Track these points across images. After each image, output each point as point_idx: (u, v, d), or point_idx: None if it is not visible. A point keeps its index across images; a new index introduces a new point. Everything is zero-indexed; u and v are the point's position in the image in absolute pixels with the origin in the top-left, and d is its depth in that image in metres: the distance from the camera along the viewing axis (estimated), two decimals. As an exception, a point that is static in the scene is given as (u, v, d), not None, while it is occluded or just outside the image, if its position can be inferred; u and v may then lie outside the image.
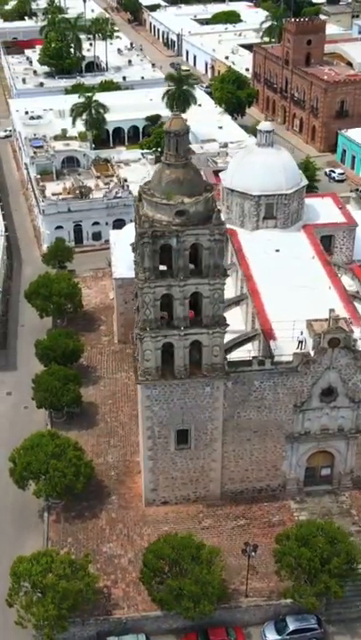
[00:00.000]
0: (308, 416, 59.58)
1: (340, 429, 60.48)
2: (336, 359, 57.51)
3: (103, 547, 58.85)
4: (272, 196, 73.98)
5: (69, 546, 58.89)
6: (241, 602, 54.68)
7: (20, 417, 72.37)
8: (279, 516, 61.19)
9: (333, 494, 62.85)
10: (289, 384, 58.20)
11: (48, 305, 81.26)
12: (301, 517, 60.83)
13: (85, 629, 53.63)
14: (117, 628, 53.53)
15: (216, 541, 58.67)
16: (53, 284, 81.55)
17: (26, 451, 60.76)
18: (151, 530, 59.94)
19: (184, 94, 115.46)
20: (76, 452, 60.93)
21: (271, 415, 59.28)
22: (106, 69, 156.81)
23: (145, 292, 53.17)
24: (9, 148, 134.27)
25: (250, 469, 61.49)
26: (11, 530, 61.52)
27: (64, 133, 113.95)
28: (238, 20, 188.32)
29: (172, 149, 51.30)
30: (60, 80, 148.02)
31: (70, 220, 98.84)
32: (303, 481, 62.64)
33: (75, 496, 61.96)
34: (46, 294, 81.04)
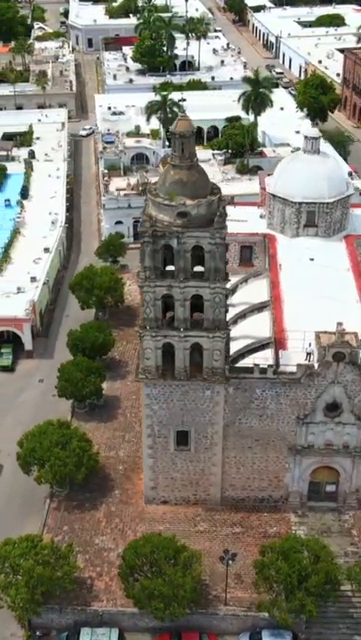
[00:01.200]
0: (312, 430, 58.36)
1: (346, 446, 58.95)
2: (341, 374, 56.10)
3: (96, 539, 59.59)
4: (313, 204, 72.89)
5: (64, 534, 59.98)
6: (219, 609, 54.24)
7: (47, 404, 73.92)
8: (277, 528, 60.24)
9: (337, 512, 61.33)
10: (292, 395, 57.20)
11: (89, 297, 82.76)
12: (299, 532, 59.71)
13: (63, 617, 54.55)
14: (94, 620, 54.18)
15: (208, 546, 58.48)
16: (96, 277, 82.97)
17: (32, 437, 62.27)
18: (146, 527, 60.19)
19: (261, 97, 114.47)
20: (81, 443, 61.83)
21: (273, 425, 58.43)
22: (198, 69, 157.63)
23: (145, 291, 53.50)
24: (92, 143, 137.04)
25: (251, 478, 60.81)
26: (15, 513, 63.06)
27: (137, 130, 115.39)
28: (342, 24, 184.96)
29: (177, 151, 51.36)
30: (150, 78, 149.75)
31: (130, 215, 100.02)
32: (307, 495, 61.41)
33: (79, 486, 63.16)
34: (88, 287, 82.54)
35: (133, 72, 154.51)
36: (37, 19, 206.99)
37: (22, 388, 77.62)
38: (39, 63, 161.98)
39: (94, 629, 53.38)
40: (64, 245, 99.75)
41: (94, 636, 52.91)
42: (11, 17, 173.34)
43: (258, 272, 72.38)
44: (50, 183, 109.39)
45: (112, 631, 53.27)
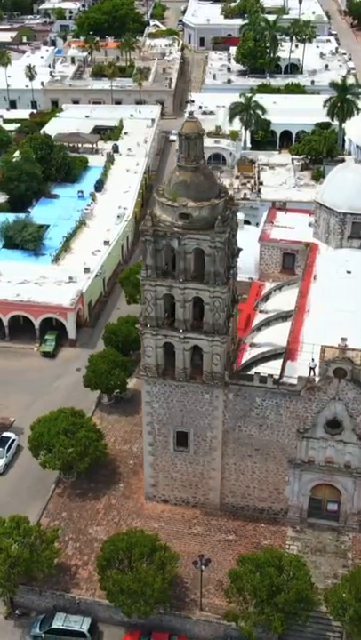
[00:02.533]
0: (312, 445, 57.07)
1: (347, 466, 57.30)
2: (343, 391, 54.56)
3: (90, 528, 60.55)
4: (359, 216, 70.98)
5: (61, 520, 61.32)
6: (193, 613, 54.06)
7: (78, 393, 75.28)
8: (271, 540, 59.29)
9: (337, 532, 59.71)
10: (292, 407, 56.12)
11: (137, 292, 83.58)
12: (293, 547, 58.67)
13: (43, 600, 55.86)
14: (71, 607, 55.19)
15: (198, 550, 58.16)
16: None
17: (43, 422, 63.95)
18: (141, 523, 60.63)
19: (347, 103, 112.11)
20: (89, 433, 62.93)
21: (273, 436, 57.52)
22: (301, 72, 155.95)
23: (146, 289, 53.89)
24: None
25: (251, 487, 60.10)
26: (24, 494, 64.86)
27: (217, 130, 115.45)
28: None
29: (183, 152, 51.38)
30: (250, 79, 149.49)
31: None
32: (307, 511, 60.09)
33: (87, 475, 64.41)
34: (135, 282, 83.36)
35: (234, 73, 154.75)
36: (156, 16, 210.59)
37: (59, 375, 79.60)
38: (145, 60, 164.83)
39: (68, 616, 54.35)
40: (128, 240, 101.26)
41: (67, 621, 53.90)
42: (124, 13, 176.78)
43: (293, 280, 71.28)
44: (126, 178, 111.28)
45: (85, 620, 54.08)
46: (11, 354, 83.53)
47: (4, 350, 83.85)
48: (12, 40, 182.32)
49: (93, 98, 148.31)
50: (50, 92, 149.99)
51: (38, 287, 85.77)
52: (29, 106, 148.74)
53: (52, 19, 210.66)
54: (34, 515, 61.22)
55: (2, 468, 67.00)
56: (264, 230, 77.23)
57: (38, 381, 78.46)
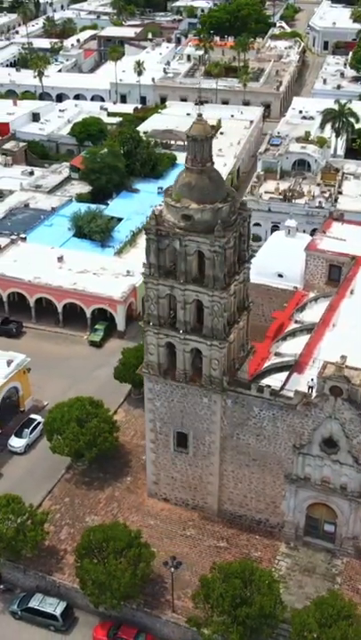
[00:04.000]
0: (309, 462, 55.65)
1: (343, 488, 55.53)
2: (339, 410, 52.88)
3: (87, 517, 61.62)
4: None
5: (62, 504, 62.79)
6: (164, 614, 54.11)
7: (113, 384, 76.36)
8: (261, 553, 58.35)
9: (331, 555, 58.01)
10: (289, 421, 54.94)
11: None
12: (282, 563, 57.60)
13: (27, 579, 57.51)
14: (52, 590, 56.52)
15: (185, 552, 58.32)
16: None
17: (59, 408, 65.62)
18: (137, 518, 61.23)
19: None
20: (100, 423, 63.99)
21: (270, 448, 56.51)
22: None
23: (148, 287, 54.20)
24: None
25: (248, 497, 59.31)
26: (38, 475, 66.58)
27: (306, 136, 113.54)
28: None
29: (190, 154, 51.27)
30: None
31: (269, 219, 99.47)
32: (304, 529, 58.68)
33: (98, 465, 65.65)
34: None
35: (347, 78, 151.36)
36: (286, 18, 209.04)
37: (101, 365, 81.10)
38: (261, 61, 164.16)
39: (45, 597, 55.72)
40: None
41: (43, 603, 55.27)
42: (246, 14, 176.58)
43: (329, 293, 69.54)
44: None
45: (60, 604, 55.24)
46: (61, 339, 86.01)
47: (55, 336, 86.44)
48: (136, 36, 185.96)
49: (201, 97, 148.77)
50: (159, 89, 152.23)
51: (96, 278, 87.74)
52: (138, 101, 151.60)
53: (182, 16, 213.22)
54: (40, 496, 63.20)
55: (23, 448, 69.22)
56: (313, 240, 75.71)
57: (79, 369, 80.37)
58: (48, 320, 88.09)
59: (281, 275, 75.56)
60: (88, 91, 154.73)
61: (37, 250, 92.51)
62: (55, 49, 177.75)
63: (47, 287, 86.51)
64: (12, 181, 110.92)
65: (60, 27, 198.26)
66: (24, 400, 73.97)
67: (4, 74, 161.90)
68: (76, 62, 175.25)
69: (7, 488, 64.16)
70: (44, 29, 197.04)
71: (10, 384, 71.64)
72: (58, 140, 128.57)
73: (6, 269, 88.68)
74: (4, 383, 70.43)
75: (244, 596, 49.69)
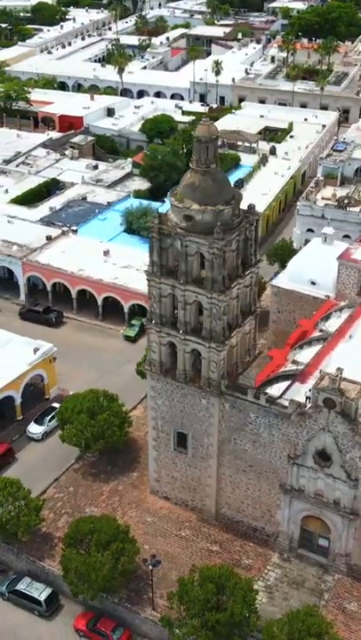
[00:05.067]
0: (303, 473, 54.69)
1: (337, 503, 54.31)
2: (333, 423, 51.74)
3: (87, 508, 62.41)
4: None
5: (65, 493, 63.88)
6: (144, 611, 54.28)
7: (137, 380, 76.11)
8: (252, 561, 57.78)
9: (323, 570, 56.84)
10: (284, 430, 54.13)
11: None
12: (271, 574, 56.91)
13: (19, 562, 58.77)
14: (41, 575, 57.59)
15: (176, 552, 58.50)
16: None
17: (73, 398, 66.71)
18: (136, 514, 61.69)
19: None
20: (110, 417, 64.61)
21: (266, 455, 55.83)
22: None
23: (151, 285, 54.49)
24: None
25: (245, 503, 58.78)
26: (51, 463, 67.71)
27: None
28: None
29: (195, 155, 51.18)
30: None
31: (321, 225, 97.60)
32: (298, 541, 57.72)
33: (108, 457, 66.53)
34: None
35: None
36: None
37: (131, 360, 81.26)
38: (346, 65, 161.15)
39: (33, 582, 56.84)
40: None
41: (29, 587, 56.40)
42: (336, 16, 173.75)
43: (354, 304, 67.91)
44: (271, 180, 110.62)
45: (46, 589, 56.22)
46: (98, 332, 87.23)
47: (92, 328, 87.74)
48: (225, 35, 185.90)
49: (279, 99, 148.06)
50: (238, 89, 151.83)
51: (138, 274, 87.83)
52: (217, 100, 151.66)
53: (277, 17, 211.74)
54: (48, 483, 64.54)
55: (41, 435, 70.62)
56: (348, 249, 74.09)
57: (110, 362, 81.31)
58: (89, 312, 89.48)
59: (314, 282, 74.21)
60: (168, 89, 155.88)
61: (86, 243, 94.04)
62: (143, 46, 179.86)
63: (88, 280, 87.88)
64: (75, 174, 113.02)
65: (152, 24, 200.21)
66: (49, 388, 75.44)
67: (90, 69, 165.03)
68: (162, 60, 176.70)
69: (19, 472, 65.93)
70: (135, 27, 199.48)
71: (34, 371, 73.21)
72: (129, 135, 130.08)
73: (53, 260, 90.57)
74: (27, 370, 72.05)
75: (217, 602, 49.32)
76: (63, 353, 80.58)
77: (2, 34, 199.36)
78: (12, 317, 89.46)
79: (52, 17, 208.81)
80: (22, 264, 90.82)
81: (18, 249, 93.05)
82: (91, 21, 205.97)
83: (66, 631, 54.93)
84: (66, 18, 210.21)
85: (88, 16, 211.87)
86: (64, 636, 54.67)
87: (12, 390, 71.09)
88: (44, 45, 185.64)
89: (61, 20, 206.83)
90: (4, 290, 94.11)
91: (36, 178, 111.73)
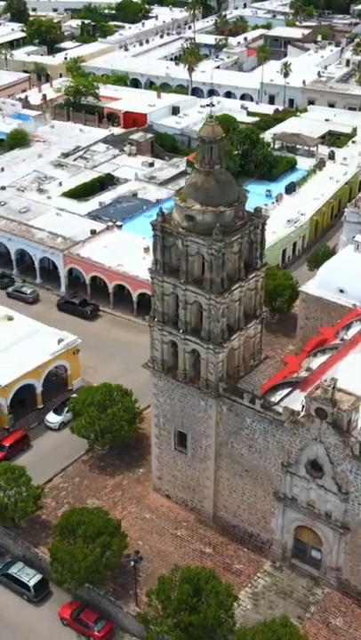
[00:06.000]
0: (296, 482, 53.95)
1: (328, 515, 53.33)
2: (324, 434, 50.83)
3: (89, 500, 63.11)
4: None
5: (70, 483, 64.88)
6: (127, 606, 54.55)
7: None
8: (243, 566, 57.38)
9: (314, 582, 55.92)
10: (278, 437, 53.50)
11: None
12: (260, 581, 56.49)
13: (17, 546, 59.95)
14: (35, 562, 58.58)
15: (169, 550, 58.73)
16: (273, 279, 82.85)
17: (87, 391, 67.57)
18: (135, 509, 62.13)
19: None
20: (120, 412, 65.10)
21: (261, 461, 55.29)
22: None
23: (154, 283, 54.67)
24: None
25: (241, 507, 58.36)
26: (64, 453, 68.32)
27: None
28: None
29: (200, 155, 51.07)
30: None
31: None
32: (292, 551, 56.95)
33: (117, 451, 67.17)
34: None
35: None
36: None
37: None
38: None
39: (25, 567, 57.88)
40: (295, 246, 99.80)
41: (20, 571, 57.43)
42: None
43: (376, 314, 66.46)
44: (325, 185, 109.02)
45: (36, 576, 57.13)
46: (131, 327, 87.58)
47: (126, 323, 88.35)
48: (303, 37, 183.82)
49: (350, 103, 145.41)
50: (308, 92, 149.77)
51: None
52: (285, 102, 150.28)
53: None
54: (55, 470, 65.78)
55: (58, 425, 71.73)
56: (377, 257, 72.55)
57: (138, 357, 79.78)
58: (125, 307, 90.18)
59: (343, 290, 72.87)
60: (238, 89, 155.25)
61: (128, 239, 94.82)
62: (219, 46, 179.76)
63: (125, 275, 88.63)
64: (130, 171, 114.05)
65: (232, 24, 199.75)
66: (72, 379, 76.55)
67: (163, 67, 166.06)
68: (237, 60, 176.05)
69: (32, 460, 67.55)
70: (215, 26, 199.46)
71: (57, 362, 74.46)
72: (190, 134, 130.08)
73: (94, 254, 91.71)
74: (49, 360, 73.32)
75: (193, 604, 49.19)
76: (93, 346, 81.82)
77: (84, 30, 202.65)
78: (51, 308, 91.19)
79: (136, 14, 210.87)
80: (63, 256, 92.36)
81: (62, 241, 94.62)
82: (172, 20, 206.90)
83: (51, 618, 55.76)
84: (149, 16, 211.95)
85: (171, 14, 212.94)
86: (49, 622, 55.51)
87: (33, 379, 72.44)
88: (123, 42, 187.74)
89: (144, 18, 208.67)
90: (47, 281, 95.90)
91: (92, 172, 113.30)
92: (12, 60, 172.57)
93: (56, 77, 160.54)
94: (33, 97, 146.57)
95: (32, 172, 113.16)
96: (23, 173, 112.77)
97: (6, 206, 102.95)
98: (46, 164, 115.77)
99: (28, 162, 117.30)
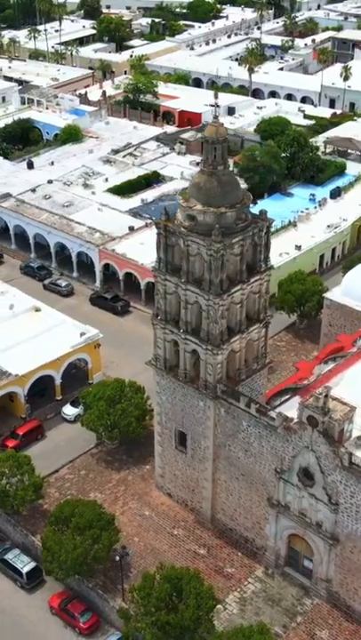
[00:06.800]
0: (288, 490, 53.34)
1: (319, 525, 52.55)
2: (315, 442, 50.09)
3: (92, 493, 63.70)
4: None
5: (75, 475, 65.64)
6: (114, 600, 54.86)
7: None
8: (235, 570, 57.08)
9: (304, 592, 55.19)
10: (272, 443, 52.98)
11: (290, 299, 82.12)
12: (249, 586, 56.08)
13: (17, 533, 60.96)
14: (32, 549, 59.48)
15: (163, 549, 58.95)
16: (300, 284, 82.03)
17: (99, 385, 68.20)
18: (135, 505, 62.50)
19: None
20: (129, 408, 65.43)
21: (256, 466, 54.85)
22: None
23: (157, 282, 54.78)
24: None
25: (238, 511, 58.03)
26: (77, 444, 68.92)
27: None
28: None
29: (204, 155, 50.91)
30: None
31: None
32: (284, 558, 56.33)
33: (127, 447, 67.68)
34: (288, 290, 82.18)
35: None
36: None
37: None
38: None
39: (21, 554, 58.81)
40: (334, 252, 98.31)
41: (16, 558, 58.38)
42: None
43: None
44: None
45: (30, 563, 57.92)
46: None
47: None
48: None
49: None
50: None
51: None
52: (346, 106, 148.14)
53: None
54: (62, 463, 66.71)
55: (73, 417, 72.55)
56: None
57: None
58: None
59: (367, 298, 71.84)
60: (299, 91, 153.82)
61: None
62: (285, 47, 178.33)
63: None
64: (177, 169, 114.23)
65: (301, 26, 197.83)
66: (92, 373, 77.27)
67: (226, 67, 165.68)
68: (303, 62, 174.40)
69: (44, 449, 68.84)
70: (283, 27, 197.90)
71: (76, 355, 75.31)
72: (243, 135, 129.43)
73: (129, 250, 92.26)
74: (68, 352, 74.24)
75: (172, 603, 49.21)
76: (120, 341, 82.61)
77: (154, 28, 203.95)
78: (84, 301, 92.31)
79: (207, 14, 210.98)
80: (99, 251, 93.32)
81: (99, 236, 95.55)
82: (242, 20, 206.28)
83: (41, 606, 56.52)
84: (220, 15, 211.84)
85: (242, 14, 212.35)
86: (38, 610, 56.31)
87: (52, 370, 73.46)
88: (190, 41, 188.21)
89: (215, 18, 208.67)
90: (83, 274, 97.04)
91: (139, 170, 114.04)
92: (79, 56, 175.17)
93: (120, 75, 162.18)
94: (93, 93, 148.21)
95: (80, 166, 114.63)
96: (72, 168, 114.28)
97: (51, 200, 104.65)
98: (95, 160, 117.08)
99: (78, 157, 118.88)
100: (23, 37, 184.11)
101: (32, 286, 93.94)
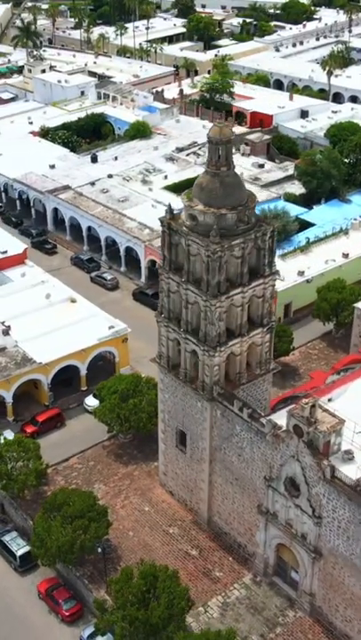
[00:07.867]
0: (276, 498, 52.58)
1: (304, 537, 51.61)
2: (301, 453, 49.19)
3: (96, 483, 64.47)
4: None
5: (84, 465, 66.51)
6: (98, 591, 55.36)
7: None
8: (223, 574, 56.65)
9: (289, 604, 54.29)
10: (263, 449, 52.32)
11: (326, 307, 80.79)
12: (234, 592, 55.56)
13: (17, 517, 62.37)
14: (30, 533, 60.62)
15: (155, 546, 59.11)
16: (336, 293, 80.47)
17: (115, 379, 68.86)
18: (137, 500, 62.83)
19: None
20: (141, 403, 65.70)
21: (248, 472, 54.30)
22: None
23: (161, 279, 54.92)
24: None
25: (232, 516, 57.59)
26: (93, 434, 69.32)
27: None
28: None
29: (208, 155, 50.63)
30: None
31: None
32: (273, 567, 55.57)
33: (139, 441, 68.14)
34: (325, 297, 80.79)
35: None
36: None
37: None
38: None
39: (18, 537, 59.99)
40: None
41: (12, 540, 59.56)
42: None
43: None
44: None
45: (24, 547, 58.83)
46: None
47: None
48: None
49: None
50: None
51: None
52: None
53: None
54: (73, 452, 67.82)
55: (94, 409, 73.53)
56: None
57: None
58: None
59: None
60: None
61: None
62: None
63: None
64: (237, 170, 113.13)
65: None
66: (119, 367, 78.01)
67: (308, 70, 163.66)
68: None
69: (61, 438, 70.19)
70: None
71: (103, 347, 76.17)
72: (313, 139, 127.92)
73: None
74: (94, 345, 75.22)
75: (144, 600, 49.35)
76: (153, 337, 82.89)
77: (244, 28, 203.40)
78: (127, 296, 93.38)
79: (300, 15, 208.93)
80: (144, 247, 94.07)
81: (148, 232, 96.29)
82: (335, 22, 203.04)
83: (30, 590, 57.60)
84: (313, 17, 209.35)
85: (336, 17, 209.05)
86: (27, 593, 57.41)
87: (77, 361, 74.59)
88: (278, 43, 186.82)
89: (308, 20, 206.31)
90: (131, 270, 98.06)
91: (200, 168, 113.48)
92: (163, 54, 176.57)
93: (203, 73, 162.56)
94: (170, 91, 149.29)
95: (142, 162, 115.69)
96: (134, 164, 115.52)
97: (108, 194, 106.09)
98: (158, 157, 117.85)
99: (142, 153, 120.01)
100: (112, 34, 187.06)
101: (79, 278, 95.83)
